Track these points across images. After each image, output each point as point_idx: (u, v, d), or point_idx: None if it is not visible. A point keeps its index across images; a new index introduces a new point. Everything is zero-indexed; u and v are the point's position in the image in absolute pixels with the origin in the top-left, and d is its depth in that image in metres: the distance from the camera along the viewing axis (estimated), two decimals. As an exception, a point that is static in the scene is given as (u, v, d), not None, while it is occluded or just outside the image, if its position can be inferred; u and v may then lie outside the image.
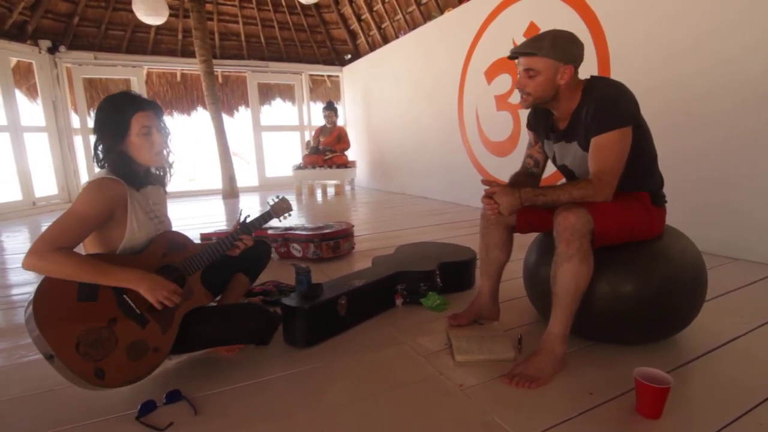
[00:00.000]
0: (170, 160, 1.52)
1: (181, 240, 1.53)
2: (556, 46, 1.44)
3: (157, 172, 1.53)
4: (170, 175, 1.57)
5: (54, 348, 1.12)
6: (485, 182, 1.52)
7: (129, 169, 1.38)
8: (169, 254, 1.46)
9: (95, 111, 1.39)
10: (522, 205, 1.46)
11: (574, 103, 1.50)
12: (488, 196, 1.50)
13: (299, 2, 7.21)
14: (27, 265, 1.18)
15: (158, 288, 1.29)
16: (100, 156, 1.37)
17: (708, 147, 2.65)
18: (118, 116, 1.34)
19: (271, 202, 1.77)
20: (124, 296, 1.29)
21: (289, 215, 1.80)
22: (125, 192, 1.35)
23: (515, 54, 1.51)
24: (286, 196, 1.83)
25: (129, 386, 1.39)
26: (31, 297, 1.17)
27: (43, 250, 1.18)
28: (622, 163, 1.41)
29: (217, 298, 1.75)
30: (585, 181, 1.42)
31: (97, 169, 1.40)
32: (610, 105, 1.41)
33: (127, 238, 1.36)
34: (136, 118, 1.35)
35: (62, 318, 1.18)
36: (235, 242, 1.58)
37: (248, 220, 1.67)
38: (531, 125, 1.76)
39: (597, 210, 1.38)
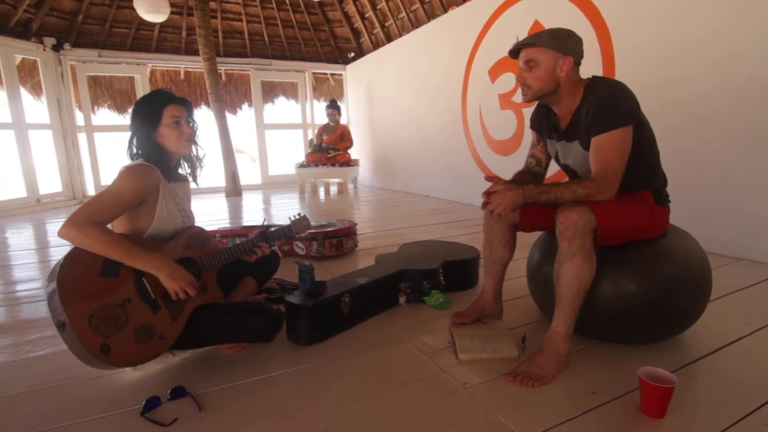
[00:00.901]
0: (200, 154, 1.62)
1: (205, 237, 1.59)
2: (554, 37, 1.47)
3: (185, 170, 1.61)
4: (200, 169, 1.65)
5: (69, 316, 1.15)
6: (488, 178, 1.52)
7: (161, 159, 1.47)
8: (191, 248, 1.51)
9: (134, 106, 1.50)
10: (525, 202, 1.45)
11: (576, 102, 1.50)
12: (488, 194, 1.49)
13: None
14: (64, 234, 1.23)
15: (177, 278, 1.34)
16: (135, 149, 1.47)
17: (712, 145, 2.64)
18: (152, 107, 1.45)
19: (293, 218, 1.82)
20: (143, 279, 1.33)
21: (311, 225, 1.85)
22: (159, 179, 1.42)
23: (516, 47, 1.52)
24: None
25: (133, 382, 1.41)
26: (58, 265, 1.21)
27: (81, 222, 1.24)
28: (624, 162, 1.40)
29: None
30: (588, 180, 1.42)
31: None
32: (610, 104, 1.41)
33: (154, 225, 1.42)
34: (167, 110, 1.46)
35: (82, 288, 1.22)
36: (253, 248, 1.61)
37: (270, 230, 1.69)
38: (533, 125, 1.76)
39: (599, 209, 1.37)
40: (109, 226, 1.35)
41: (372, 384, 1.39)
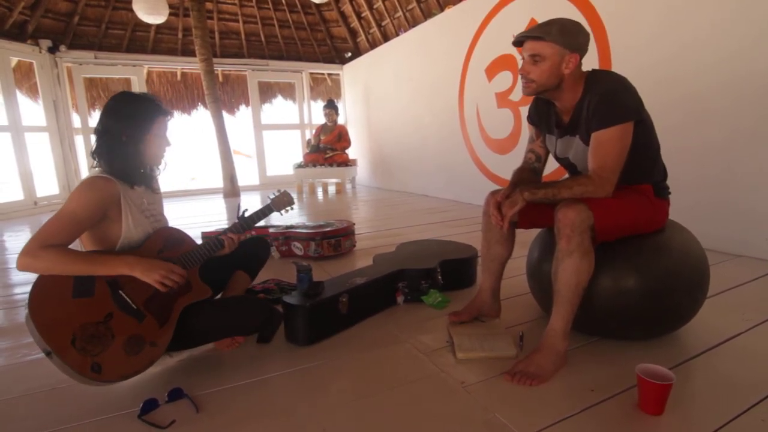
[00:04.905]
0: (161, 166, 1.56)
1: (179, 236, 1.54)
2: (564, 32, 1.42)
3: (145, 173, 1.53)
4: (158, 174, 1.59)
5: (50, 344, 1.14)
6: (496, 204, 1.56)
7: (134, 165, 1.42)
8: (166, 250, 1.47)
9: (115, 103, 1.40)
10: (525, 203, 1.46)
11: (577, 96, 1.49)
12: (497, 208, 1.53)
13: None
14: (20, 265, 1.20)
15: (154, 269, 1.31)
16: (104, 149, 1.37)
17: (711, 143, 2.64)
18: (146, 112, 1.40)
19: (272, 196, 1.77)
20: (120, 292, 1.30)
21: (291, 209, 1.81)
22: (118, 191, 1.36)
23: (522, 38, 1.48)
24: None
25: (131, 385, 1.40)
26: (28, 296, 1.18)
27: (33, 248, 1.20)
28: (623, 159, 1.40)
29: (218, 296, 1.76)
30: (585, 177, 1.42)
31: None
32: (611, 100, 1.40)
33: (123, 236, 1.37)
34: (160, 120, 1.43)
35: (58, 314, 1.20)
36: (221, 237, 1.57)
37: (246, 215, 1.67)
38: (532, 119, 1.75)
39: (597, 205, 1.37)
40: (77, 243, 1.31)
41: (370, 384, 1.39)
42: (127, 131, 1.37)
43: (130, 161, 1.40)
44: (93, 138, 1.42)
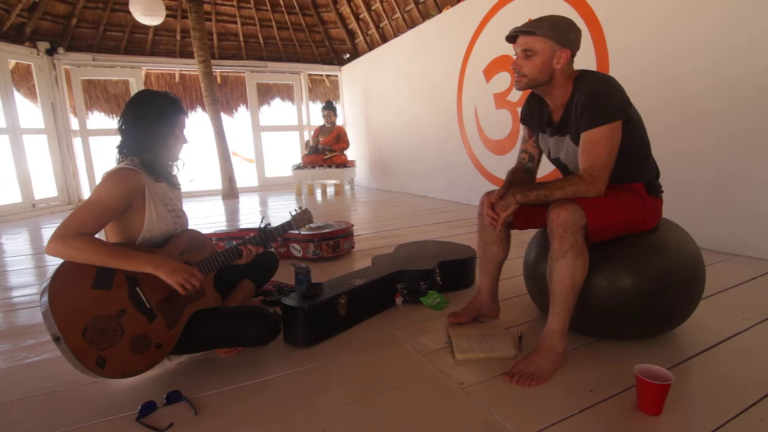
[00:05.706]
0: (179, 163, 1.63)
1: (200, 240, 1.57)
2: (555, 28, 1.44)
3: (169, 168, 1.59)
4: (176, 171, 1.64)
5: (61, 330, 1.15)
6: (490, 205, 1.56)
7: (162, 158, 1.48)
8: (187, 253, 1.49)
9: (143, 100, 1.45)
10: (518, 205, 1.46)
11: (567, 95, 1.50)
12: (491, 209, 1.54)
13: None
14: (50, 250, 1.22)
15: (178, 271, 1.32)
16: (133, 142, 1.43)
17: (707, 144, 2.65)
18: (175, 112, 1.47)
19: (293, 213, 1.81)
20: (137, 289, 1.31)
21: (310, 227, 1.83)
22: (143, 182, 1.40)
23: (515, 32, 1.50)
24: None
25: (129, 387, 1.40)
26: (48, 279, 1.19)
27: (65, 236, 1.22)
28: (613, 157, 1.41)
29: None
30: (576, 177, 1.42)
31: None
32: (599, 99, 1.41)
33: (146, 228, 1.40)
34: (182, 118, 1.51)
35: (74, 302, 1.21)
36: (240, 247, 1.58)
37: (268, 229, 1.68)
38: (525, 119, 1.75)
39: (589, 205, 1.38)
40: (101, 234, 1.33)
41: (369, 385, 1.39)
42: (156, 126, 1.43)
43: (157, 155, 1.45)
44: (119, 133, 1.47)
